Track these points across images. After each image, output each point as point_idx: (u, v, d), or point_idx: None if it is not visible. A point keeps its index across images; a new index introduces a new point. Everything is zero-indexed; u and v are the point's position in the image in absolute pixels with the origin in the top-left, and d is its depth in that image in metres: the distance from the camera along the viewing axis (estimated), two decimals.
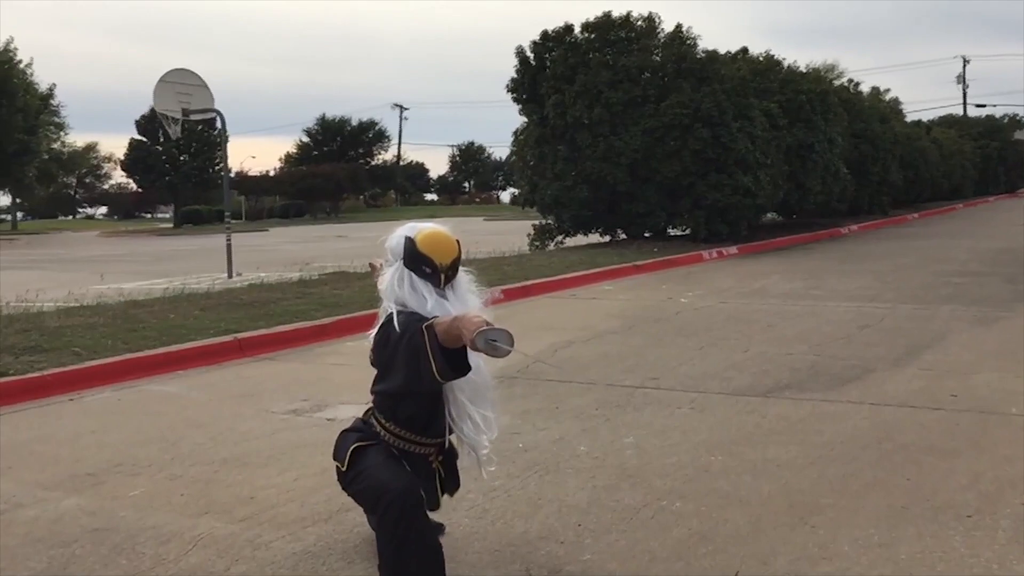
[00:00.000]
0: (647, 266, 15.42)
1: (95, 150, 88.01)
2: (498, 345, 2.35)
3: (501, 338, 2.37)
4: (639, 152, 18.90)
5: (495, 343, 2.34)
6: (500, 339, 2.36)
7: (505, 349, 2.35)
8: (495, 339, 2.35)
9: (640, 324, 9.75)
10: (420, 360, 2.61)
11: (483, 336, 2.34)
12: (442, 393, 2.87)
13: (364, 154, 78.98)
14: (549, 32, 20.33)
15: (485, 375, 2.92)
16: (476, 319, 2.40)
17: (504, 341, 2.36)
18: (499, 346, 2.34)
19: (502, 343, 2.36)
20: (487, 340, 2.34)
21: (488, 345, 2.34)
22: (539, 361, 7.75)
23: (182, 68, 18.46)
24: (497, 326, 2.40)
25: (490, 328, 2.36)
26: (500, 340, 2.36)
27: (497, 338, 2.36)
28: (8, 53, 41.96)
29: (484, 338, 2.34)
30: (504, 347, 2.35)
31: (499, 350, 2.34)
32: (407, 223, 2.98)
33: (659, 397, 6.38)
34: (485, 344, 2.34)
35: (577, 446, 5.21)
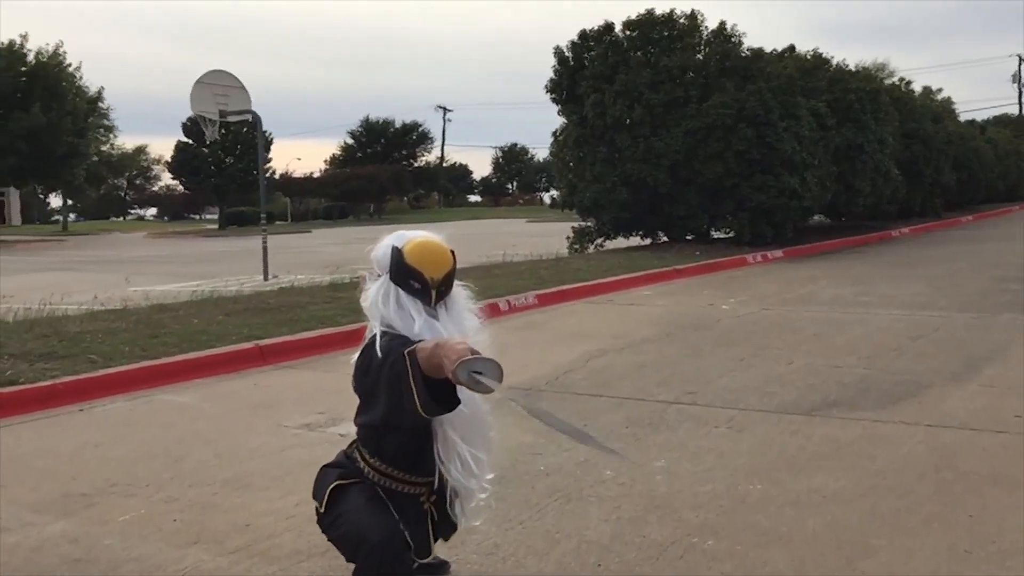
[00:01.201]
0: (688, 270, 14.93)
1: (145, 152, 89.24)
2: (482, 379, 1.97)
3: (487, 370, 2.00)
4: (680, 153, 18.40)
5: (479, 377, 1.97)
6: (486, 372, 1.99)
7: (489, 385, 1.97)
8: (480, 372, 1.98)
9: (678, 332, 9.31)
10: (402, 391, 2.26)
11: (465, 368, 1.98)
12: (431, 426, 2.51)
13: (407, 156, 79.09)
14: (588, 31, 19.92)
15: (480, 408, 2.54)
16: (459, 346, 2.04)
17: (490, 375, 1.99)
18: (483, 380, 1.97)
19: (488, 377, 1.99)
20: (470, 373, 1.97)
21: (471, 379, 1.97)
22: (569, 372, 7.37)
23: (219, 69, 18.38)
24: (485, 356, 2.03)
25: (475, 358, 1.99)
26: (486, 373, 1.99)
27: (483, 370, 1.99)
28: (58, 57, 42.52)
29: (467, 370, 1.97)
30: (489, 383, 1.98)
31: (482, 385, 1.97)
32: (397, 231, 2.63)
33: (695, 414, 5.95)
34: (467, 378, 1.97)
35: (603, 470, 4.81)
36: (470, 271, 14.11)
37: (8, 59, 39.48)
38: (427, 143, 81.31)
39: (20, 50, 40.53)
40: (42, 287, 14.54)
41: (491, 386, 1.97)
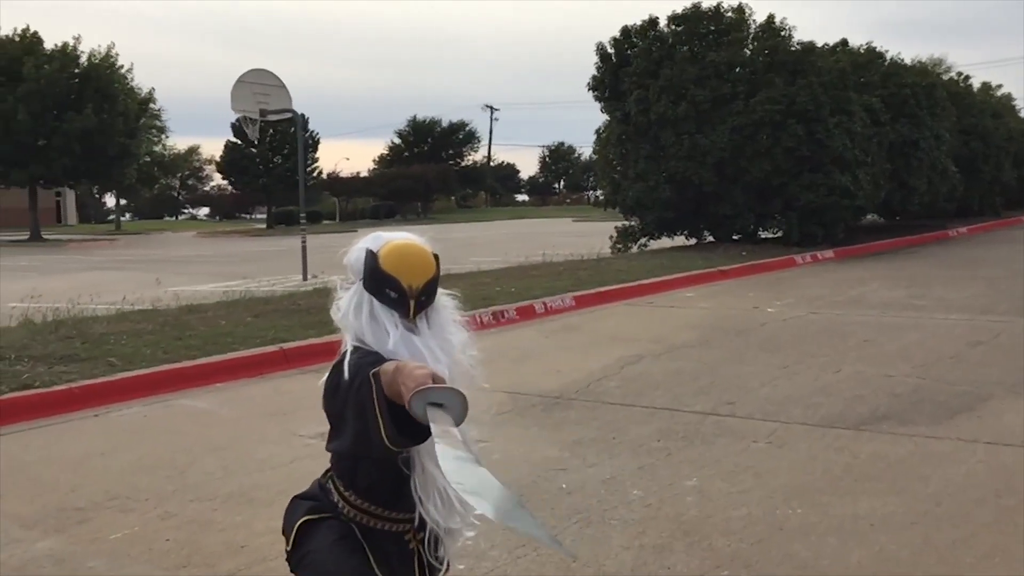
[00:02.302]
0: (733, 271, 14.45)
1: (197, 153, 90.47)
2: (440, 414, 1.64)
3: (449, 403, 1.66)
4: (726, 150, 17.89)
5: (436, 411, 1.64)
6: (448, 404, 1.66)
7: (446, 422, 1.64)
8: (440, 404, 1.66)
9: (720, 336, 8.90)
10: (367, 419, 1.96)
11: (422, 399, 1.65)
12: (410, 456, 2.20)
13: (454, 155, 79.04)
14: (630, 27, 19.47)
15: (465, 436, 2.21)
16: (419, 372, 1.71)
17: (451, 408, 1.66)
18: (441, 416, 1.64)
19: (450, 409, 1.66)
20: (427, 405, 1.65)
21: (428, 412, 1.64)
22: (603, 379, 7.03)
23: (260, 68, 18.29)
24: (448, 386, 1.70)
25: (434, 388, 1.66)
26: (447, 406, 1.66)
27: (443, 402, 1.66)
28: (109, 58, 43.09)
29: (423, 401, 1.65)
30: (447, 418, 1.65)
31: (439, 421, 1.63)
32: (375, 232, 2.31)
33: (732, 427, 5.57)
34: (423, 411, 1.65)
35: (630, 489, 4.46)
36: (506, 272, 13.82)
37: (62, 61, 40.08)
38: (474, 142, 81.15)
39: (73, 52, 41.15)
40: (80, 286, 14.55)
41: (449, 423, 1.65)
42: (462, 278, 13.09)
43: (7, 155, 38.18)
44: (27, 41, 39.64)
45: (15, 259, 26.65)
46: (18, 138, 37.73)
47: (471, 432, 2.38)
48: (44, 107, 37.86)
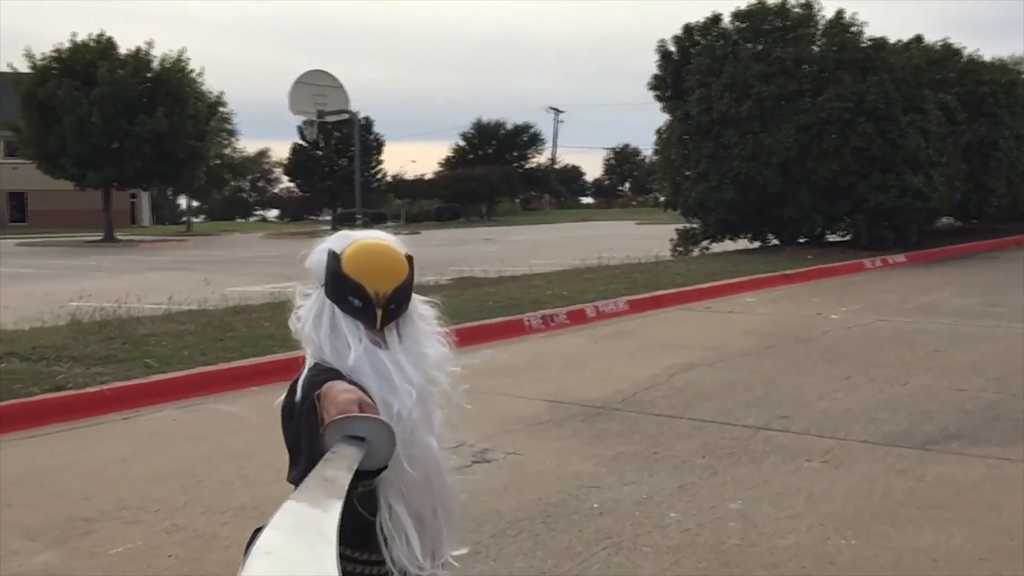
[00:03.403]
0: (798, 275, 13.88)
1: (267, 155, 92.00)
2: (353, 452, 1.32)
3: (372, 436, 1.35)
4: (792, 150, 17.27)
5: (354, 446, 1.33)
6: (371, 437, 1.35)
7: (347, 461, 1.31)
8: (362, 437, 1.34)
9: (779, 344, 8.45)
10: (314, 448, 1.68)
11: (337, 430, 1.34)
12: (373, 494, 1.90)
13: (519, 157, 78.89)
14: (692, 24, 18.98)
15: (438, 468, 1.89)
16: (344, 396, 1.41)
17: (375, 444, 1.34)
18: (350, 454, 1.31)
19: (372, 445, 1.34)
20: (345, 437, 1.34)
21: (338, 448, 1.32)
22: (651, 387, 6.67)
23: (318, 69, 18.32)
24: (373, 416, 1.37)
25: (354, 418, 1.35)
26: (371, 439, 1.35)
27: (366, 435, 1.35)
28: (180, 63, 43.91)
29: (339, 433, 1.33)
30: (355, 455, 1.32)
31: (343, 460, 1.30)
32: (341, 232, 2.00)
33: (785, 444, 5.17)
34: (334, 444, 1.33)
35: (667, 511, 4.12)
36: (560, 275, 13.49)
37: (135, 65, 40.95)
38: (538, 144, 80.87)
39: (146, 57, 42.04)
40: (141, 286, 14.65)
41: (351, 462, 1.32)
42: (515, 281, 12.82)
43: (83, 158, 39.12)
44: (102, 46, 40.60)
45: (86, 259, 27.25)
46: (93, 141, 38.64)
47: (452, 461, 2.09)
48: (117, 111, 38.71)
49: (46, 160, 39.74)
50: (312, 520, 1.11)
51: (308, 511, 1.13)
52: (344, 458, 1.29)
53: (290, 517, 1.12)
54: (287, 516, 1.12)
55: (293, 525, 1.11)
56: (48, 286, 15.30)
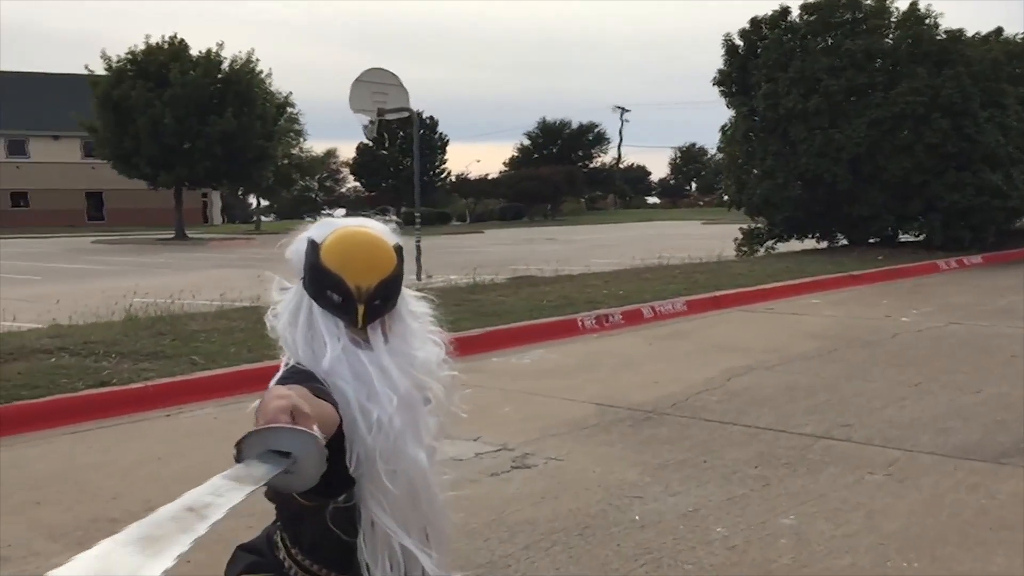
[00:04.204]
0: (866, 276, 13.35)
1: (334, 155, 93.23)
2: (263, 469, 1.09)
3: (298, 451, 1.12)
4: (863, 146, 16.66)
5: (272, 463, 1.10)
6: (296, 452, 1.12)
7: (254, 477, 1.09)
8: (286, 453, 1.12)
9: (844, 348, 8.06)
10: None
11: (258, 443, 1.12)
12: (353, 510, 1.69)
13: (583, 157, 78.47)
14: (760, 18, 18.48)
15: (425, 481, 1.66)
16: (275, 403, 1.17)
17: (301, 460, 1.11)
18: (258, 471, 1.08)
19: (297, 463, 1.11)
20: (265, 449, 1.12)
21: (256, 459, 1.10)
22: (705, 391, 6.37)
23: (378, 67, 18.28)
24: (300, 428, 1.13)
25: (279, 428, 1.13)
26: (296, 454, 1.12)
27: (292, 451, 1.12)
28: (249, 64, 44.61)
29: (261, 447, 1.12)
30: (265, 471, 1.10)
31: (251, 476, 1.08)
32: (325, 219, 1.80)
33: (846, 454, 4.85)
34: (247, 457, 1.11)
35: (713, 526, 3.85)
36: (618, 274, 13.20)
37: (205, 67, 41.73)
38: (603, 144, 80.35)
39: (216, 58, 42.82)
40: (204, 283, 14.81)
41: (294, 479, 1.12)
42: (571, 280, 12.58)
43: (155, 158, 40.00)
44: (174, 48, 41.46)
45: (156, 256, 27.82)
46: (165, 141, 39.47)
47: (444, 476, 1.86)
48: (188, 111, 39.47)
49: (121, 160, 40.74)
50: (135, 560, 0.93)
51: (134, 552, 0.95)
52: (238, 482, 1.08)
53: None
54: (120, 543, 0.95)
55: None
56: (113, 282, 15.57)
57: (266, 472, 1.09)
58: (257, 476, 1.08)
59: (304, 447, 1.12)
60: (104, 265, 22.74)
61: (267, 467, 1.10)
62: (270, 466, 1.10)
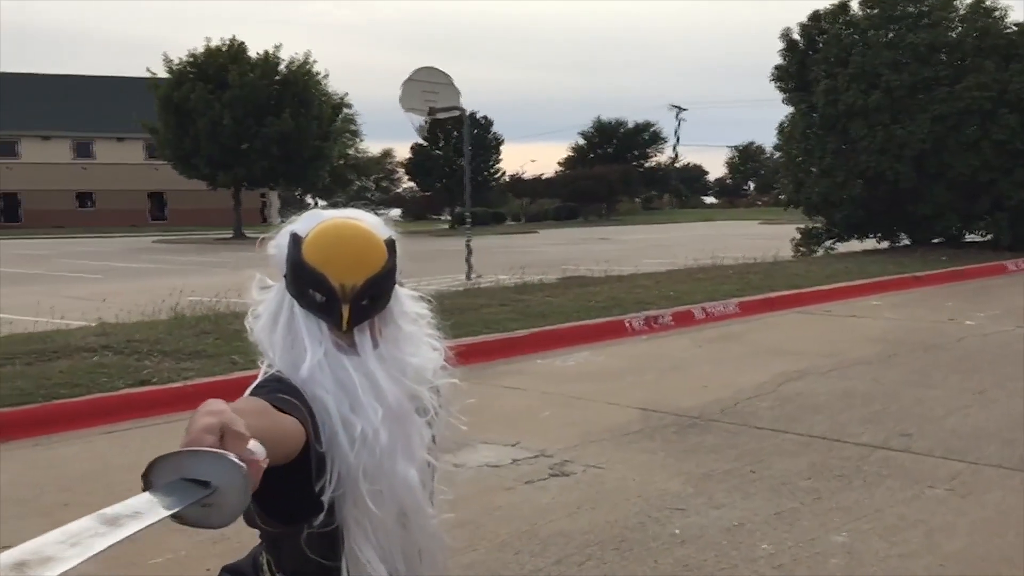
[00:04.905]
0: (930, 278, 12.86)
1: (390, 156, 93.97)
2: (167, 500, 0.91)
3: (219, 481, 0.93)
4: (926, 143, 16.11)
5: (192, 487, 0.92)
6: (216, 481, 0.94)
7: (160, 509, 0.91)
8: (204, 481, 0.94)
9: (905, 352, 7.71)
10: None
11: (171, 468, 0.93)
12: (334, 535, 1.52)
13: (639, 156, 77.87)
14: (820, 12, 18.00)
15: (415, 502, 1.48)
16: (200, 421, 0.99)
17: (220, 493, 0.93)
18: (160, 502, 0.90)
19: (215, 496, 0.93)
20: (178, 477, 0.93)
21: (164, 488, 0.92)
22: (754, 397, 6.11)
23: (429, 66, 18.23)
24: (220, 453, 0.94)
25: (197, 452, 0.94)
26: (217, 484, 0.93)
27: (210, 479, 0.93)
28: (306, 65, 45.09)
29: (170, 471, 0.93)
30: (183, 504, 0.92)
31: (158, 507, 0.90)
32: (312, 211, 1.63)
33: (905, 466, 4.57)
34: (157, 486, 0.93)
35: (759, 542, 3.62)
36: (670, 275, 12.92)
37: (263, 69, 42.27)
38: (659, 143, 79.63)
39: (274, 60, 43.35)
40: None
41: (213, 513, 0.94)
42: (621, 280, 12.34)
43: (214, 158, 40.62)
44: (233, 50, 42.07)
45: (214, 256, 28.18)
46: (224, 142, 40.05)
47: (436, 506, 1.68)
48: (247, 113, 40.00)
49: (181, 161, 41.46)
50: None
51: None
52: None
53: None
54: None
55: None
56: (168, 281, 15.74)
57: (172, 504, 0.91)
58: (159, 509, 0.91)
59: (225, 476, 0.95)
60: (162, 264, 23.10)
61: (170, 500, 0.92)
62: (179, 496, 0.93)
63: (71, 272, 19.86)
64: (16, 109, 52.79)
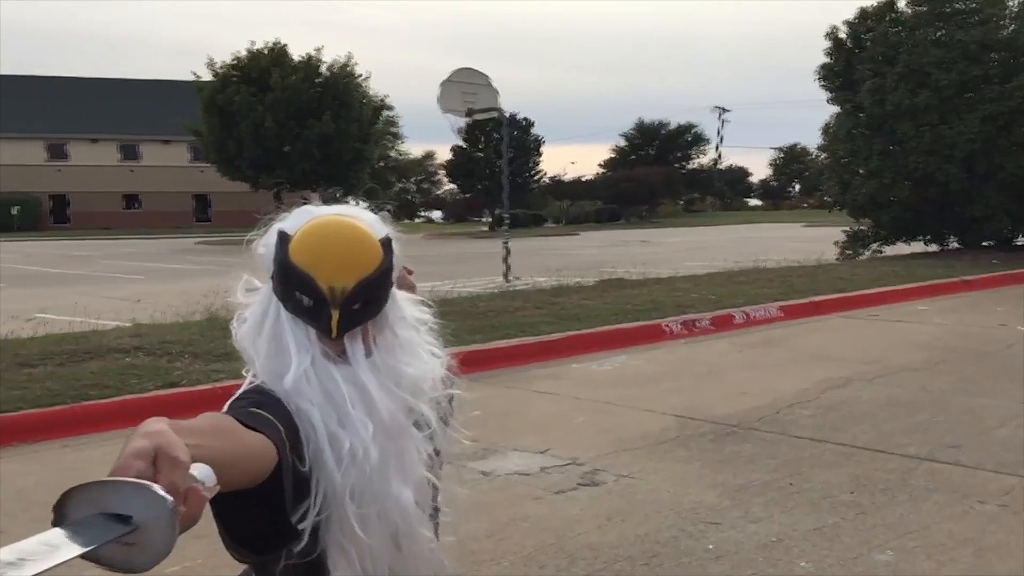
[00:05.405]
0: (980, 282, 12.48)
1: (431, 158, 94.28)
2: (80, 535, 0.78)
3: (142, 515, 0.80)
4: (976, 143, 15.66)
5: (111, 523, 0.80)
6: (140, 516, 0.80)
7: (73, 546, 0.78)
8: (126, 517, 0.81)
9: (953, 359, 7.43)
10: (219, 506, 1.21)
11: (88, 500, 0.81)
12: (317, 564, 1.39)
13: (681, 158, 77.28)
14: (867, 9, 17.61)
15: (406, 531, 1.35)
16: (133, 445, 0.85)
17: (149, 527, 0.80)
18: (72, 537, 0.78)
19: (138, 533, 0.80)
20: (96, 512, 0.81)
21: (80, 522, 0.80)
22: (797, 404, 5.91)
23: (469, 67, 18.16)
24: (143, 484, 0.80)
25: (112, 484, 0.81)
26: (140, 520, 0.80)
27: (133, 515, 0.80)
28: (347, 68, 45.37)
29: (87, 505, 0.81)
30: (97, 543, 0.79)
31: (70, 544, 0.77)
32: (304, 207, 1.50)
33: (953, 479, 4.35)
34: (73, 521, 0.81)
35: (797, 559, 3.44)
36: (711, 277, 12.68)
37: (305, 71, 42.61)
38: (702, 145, 78.97)
39: (316, 63, 43.68)
40: None
41: (135, 553, 0.81)
42: (660, 283, 12.14)
43: (256, 160, 41.03)
44: (276, 53, 42.45)
45: None
46: (266, 144, 40.45)
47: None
48: (288, 115, 40.36)
49: (224, 163, 41.92)
50: None
51: None
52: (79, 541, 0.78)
53: None
54: None
55: None
56: (208, 282, 15.82)
57: (86, 542, 0.78)
58: (71, 546, 0.78)
59: (149, 510, 0.81)
60: (204, 265, 23.29)
61: (89, 535, 0.79)
62: (95, 533, 0.79)
63: (113, 273, 20.10)
64: (65, 112, 53.86)
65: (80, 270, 21.13)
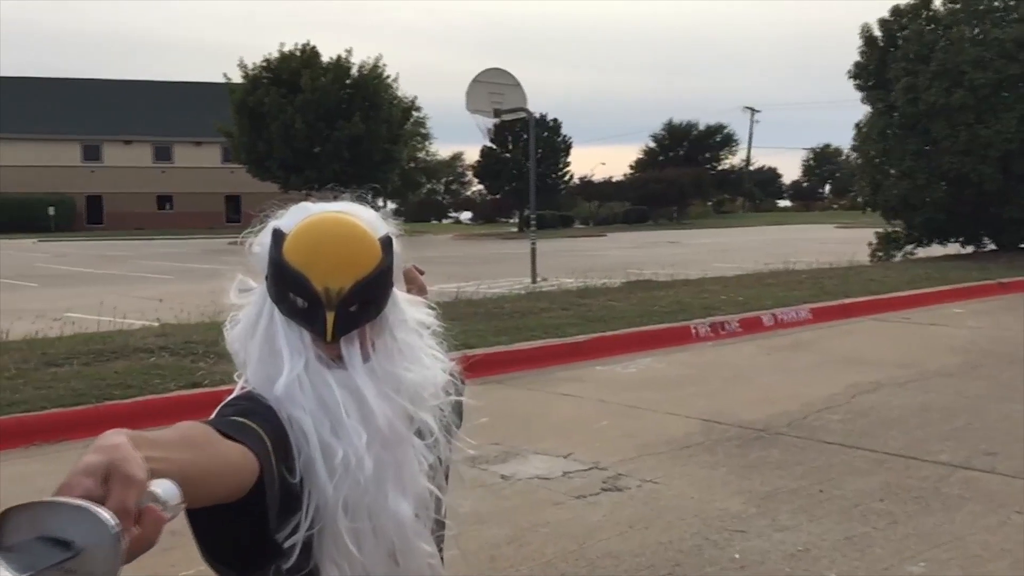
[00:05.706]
0: (1015, 285, 12.21)
1: (460, 159, 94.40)
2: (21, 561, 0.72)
3: (84, 540, 0.73)
4: (1014, 143, 15.34)
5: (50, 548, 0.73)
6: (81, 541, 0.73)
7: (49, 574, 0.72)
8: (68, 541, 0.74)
9: (988, 363, 7.25)
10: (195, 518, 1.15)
11: (28, 522, 0.74)
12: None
13: (711, 159, 76.78)
14: (901, 6, 17.32)
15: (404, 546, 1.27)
16: (84, 461, 0.78)
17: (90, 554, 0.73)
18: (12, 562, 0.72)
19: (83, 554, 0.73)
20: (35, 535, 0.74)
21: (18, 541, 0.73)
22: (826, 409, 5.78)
23: (496, 68, 18.11)
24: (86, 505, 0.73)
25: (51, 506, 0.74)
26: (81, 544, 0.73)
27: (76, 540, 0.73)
28: (377, 69, 45.52)
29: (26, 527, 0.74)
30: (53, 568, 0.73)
31: None
32: (301, 204, 1.43)
33: (989, 488, 4.21)
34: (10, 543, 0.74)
35: (826, 569, 3.34)
36: (739, 279, 12.51)
37: (335, 73, 42.80)
38: (732, 145, 78.39)
39: (346, 64, 43.86)
40: None
41: None
42: (687, 284, 11.99)
43: (286, 161, 41.25)
44: (306, 55, 42.67)
45: None
46: (296, 145, 40.67)
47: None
48: (318, 116, 40.55)
49: (255, 164, 42.20)
50: None
51: None
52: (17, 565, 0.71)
53: None
54: None
55: None
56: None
57: (22, 568, 0.71)
58: (4, 574, 0.71)
59: (90, 535, 0.74)
60: (234, 266, 23.38)
61: (26, 560, 0.72)
62: (32, 558, 0.72)
63: (144, 273, 20.26)
64: (100, 114, 54.56)
65: (112, 270, 21.34)
